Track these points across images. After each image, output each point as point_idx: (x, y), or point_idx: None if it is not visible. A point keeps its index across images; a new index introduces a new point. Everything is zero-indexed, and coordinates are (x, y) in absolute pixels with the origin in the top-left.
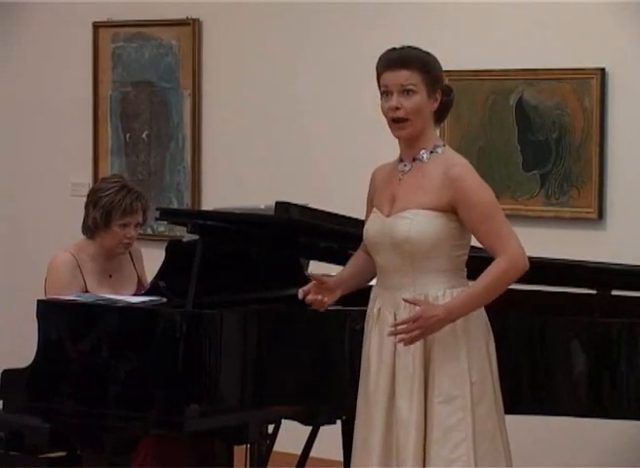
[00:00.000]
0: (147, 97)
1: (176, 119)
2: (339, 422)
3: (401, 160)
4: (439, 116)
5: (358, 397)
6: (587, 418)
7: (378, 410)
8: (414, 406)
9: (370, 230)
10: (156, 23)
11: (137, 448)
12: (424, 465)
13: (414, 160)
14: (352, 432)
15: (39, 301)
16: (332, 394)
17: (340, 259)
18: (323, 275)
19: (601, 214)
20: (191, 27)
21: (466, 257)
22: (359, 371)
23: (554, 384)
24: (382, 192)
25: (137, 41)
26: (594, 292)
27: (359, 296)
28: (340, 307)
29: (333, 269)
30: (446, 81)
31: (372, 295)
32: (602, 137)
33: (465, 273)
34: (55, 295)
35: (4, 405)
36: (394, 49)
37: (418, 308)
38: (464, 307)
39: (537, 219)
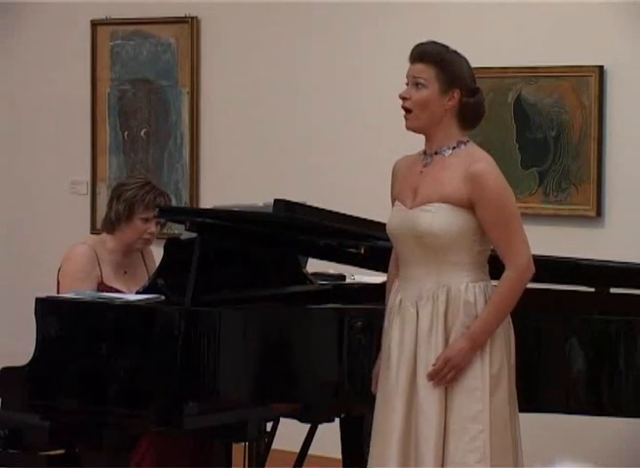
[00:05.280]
0: (146, 94)
1: (174, 117)
2: (337, 420)
3: (425, 153)
4: (465, 119)
5: (378, 389)
6: (586, 416)
7: (399, 401)
8: (435, 397)
9: (392, 223)
10: (154, 21)
11: (135, 446)
12: (443, 456)
13: (435, 153)
14: (351, 430)
15: (37, 299)
16: (329, 391)
17: (339, 257)
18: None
19: (599, 211)
20: (189, 25)
21: (489, 252)
22: (358, 368)
23: (552, 382)
24: (404, 184)
25: (135, 39)
26: (592, 289)
27: (359, 294)
28: (339, 305)
29: (331, 267)
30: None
31: (394, 288)
32: (600, 135)
33: (487, 269)
34: (71, 285)
35: (3, 402)
36: (420, 43)
37: (440, 355)
38: (484, 331)
39: (535, 217)
